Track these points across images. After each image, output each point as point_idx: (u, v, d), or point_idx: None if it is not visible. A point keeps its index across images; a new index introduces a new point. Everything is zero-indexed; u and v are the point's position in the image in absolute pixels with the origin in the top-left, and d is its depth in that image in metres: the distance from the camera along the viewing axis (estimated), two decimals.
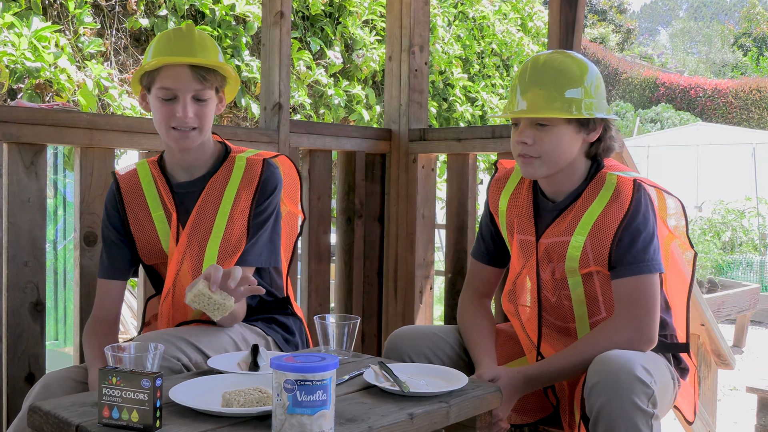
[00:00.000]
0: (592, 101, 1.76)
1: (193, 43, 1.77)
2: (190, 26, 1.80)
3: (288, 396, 1.20)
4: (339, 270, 2.92)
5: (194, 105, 1.75)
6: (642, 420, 1.54)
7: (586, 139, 1.79)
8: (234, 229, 1.80)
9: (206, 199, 1.82)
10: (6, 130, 1.97)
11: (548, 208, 1.87)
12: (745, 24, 29.48)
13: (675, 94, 20.80)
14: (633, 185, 1.77)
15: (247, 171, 1.84)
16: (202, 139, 1.80)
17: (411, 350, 1.88)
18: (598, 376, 1.58)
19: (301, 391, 1.19)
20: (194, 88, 1.74)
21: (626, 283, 1.75)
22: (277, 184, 1.86)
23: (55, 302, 4.51)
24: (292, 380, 1.19)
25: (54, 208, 4.56)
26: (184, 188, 1.85)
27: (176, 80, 1.73)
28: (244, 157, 1.88)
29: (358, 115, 4.97)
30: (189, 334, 1.69)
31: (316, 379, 1.20)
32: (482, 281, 2.05)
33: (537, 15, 7.28)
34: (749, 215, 9.26)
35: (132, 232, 1.86)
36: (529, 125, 1.77)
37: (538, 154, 1.77)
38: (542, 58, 1.81)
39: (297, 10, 4.84)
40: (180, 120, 1.74)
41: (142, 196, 1.86)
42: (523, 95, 1.78)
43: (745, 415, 4.30)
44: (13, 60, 3.42)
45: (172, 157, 1.86)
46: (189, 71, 1.74)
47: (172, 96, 1.74)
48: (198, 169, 1.86)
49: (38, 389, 1.63)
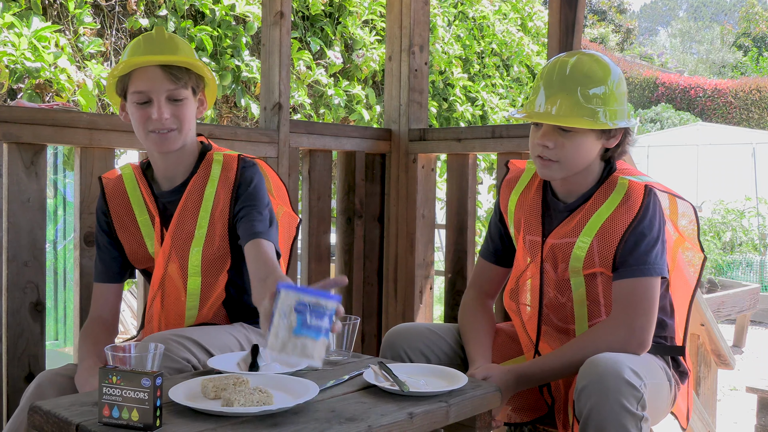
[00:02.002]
0: (615, 108, 1.76)
1: (162, 43, 1.75)
2: (160, 29, 1.79)
3: (298, 317, 1.23)
4: (339, 270, 2.92)
5: (170, 106, 1.73)
6: (631, 422, 1.54)
7: (605, 144, 1.80)
8: (216, 229, 1.79)
9: (186, 202, 1.80)
10: (6, 130, 1.97)
11: (559, 208, 1.88)
12: (744, 24, 29.48)
13: (675, 94, 20.80)
14: (644, 190, 1.78)
15: (224, 169, 1.82)
16: (183, 140, 1.77)
17: (407, 346, 1.89)
18: (587, 378, 1.58)
19: (312, 314, 1.23)
20: (167, 88, 1.72)
21: (625, 285, 1.75)
22: (254, 177, 1.82)
23: (55, 302, 4.51)
24: (305, 302, 1.23)
25: (54, 208, 4.56)
26: (166, 197, 1.84)
27: (148, 82, 1.71)
28: (221, 154, 1.86)
29: (358, 115, 4.97)
30: (195, 334, 1.69)
31: (328, 306, 1.25)
32: (487, 281, 2.06)
33: (537, 15, 7.28)
34: (749, 215, 9.26)
35: (118, 236, 1.86)
36: (552, 129, 1.76)
37: (558, 158, 1.77)
38: (570, 62, 1.78)
39: (297, 10, 4.84)
40: (156, 122, 1.72)
41: (127, 201, 1.85)
42: (548, 99, 1.76)
43: (745, 415, 4.30)
44: (13, 60, 3.42)
45: (155, 164, 1.84)
46: (160, 71, 1.71)
47: (146, 99, 1.72)
48: (178, 176, 1.83)
49: (32, 389, 1.64)
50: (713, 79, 22.02)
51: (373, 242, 3.01)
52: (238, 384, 1.39)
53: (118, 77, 1.75)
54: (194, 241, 1.79)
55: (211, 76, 1.83)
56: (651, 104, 20.31)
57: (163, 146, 1.75)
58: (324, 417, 1.33)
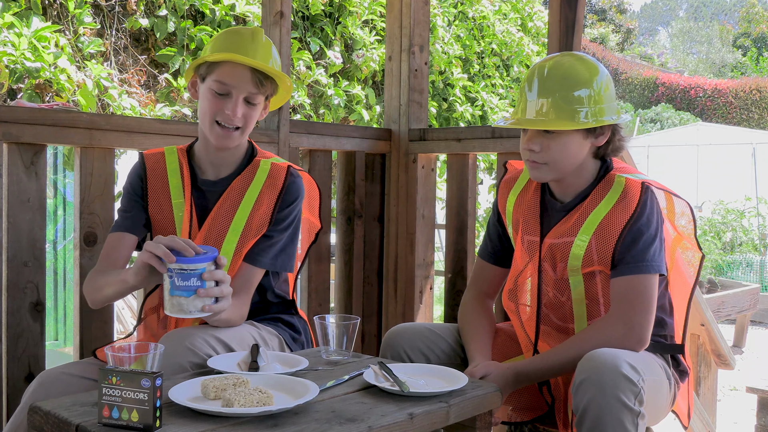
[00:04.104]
0: (600, 107, 1.76)
1: (260, 48, 1.79)
2: (259, 30, 1.83)
3: (170, 281, 1.49)
4: (339, 270, 2.92)
5: (244, 106, 1.78)
6: (628, 417, 1.54)
7: (594, 143, 1.80)
8: (251, 229, 1.81)
9: (227, 198, 1.83)
10: (6, 130, 1.97)
11: (556, 208, 1.88)
12: (744, 24, 29.49)
13: (675, 94, 20.81)
14: (641, 188, 1.78)
15: (270, 176, 1.86)
16: (241, 140, 1.83)
17: (407, 346, 1.90)
18: (585, 373, 1.58)
19: (178, 277, 1.49)
20: (249, 90, 1.77)
21: (623, 282, 1.75)
22: (299, 194, 1.88)
23: (55, 302, 4.51)
24: (171, 269, 1.49)
25: (54, 208, 4.56)
26: (207, 186, 1.87)
27: (235, 78, 1.75)
28: (269, 162, 1.90)
29: (358, 115, 4.97)
30: (216, 331, 1.70)
31: (192, 269, 1.49)
32: (487, 281, 2.06)
33: (537, 15, 7.28)
34: (749, 215, 9.27)
35: (150, 212, 1.87)
36: (537, 133, 1.78)
37: (545, 160, 1.78)
38: (549, 64, 1.79)
39: (297, 10, 4.84)
40: (227, 117, 1.76)
41: (165, 182, 1.87)
42: (529, 103, 1.77)
43: (745, 415, 4.30)
44: (13, 60, 3.42)
45: (205, 150, 1.87)
46: (249, 73, 1.76)
47: (226, 92, 1.76)
48: (225, 168, 1.87)
49: (34, 387, 1.63)
50: (713, 79, 22.03)
51: (373, 242, 3.01)
52: (238, 384, 1.39)
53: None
54: (228, 236, 1.81)
55: (290, 87, 1.89)
56: (651, 104, 20.32)
57: (223, 141, 1.79)
58: (324, 417, 1.33)
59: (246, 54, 1.76)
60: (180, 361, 1.59)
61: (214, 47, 1.81)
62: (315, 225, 2.11)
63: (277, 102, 1.93)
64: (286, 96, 1.92)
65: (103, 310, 2.19)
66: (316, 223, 2.11)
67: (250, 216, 1.82)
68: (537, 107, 1.76)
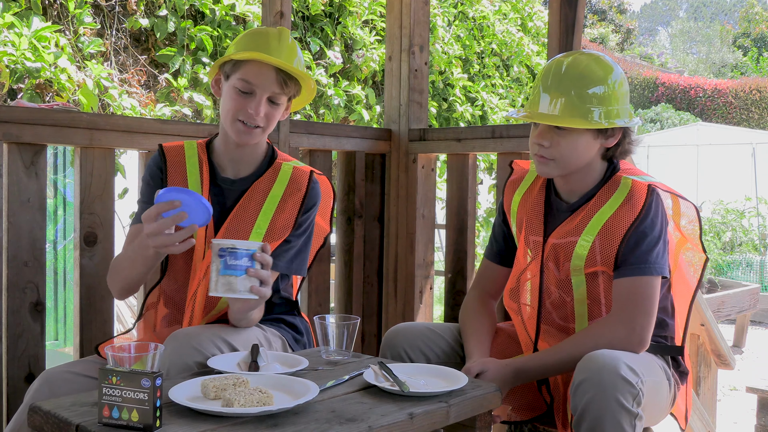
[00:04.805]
0: (613, 108, 1.76)
1: (286, 48, 1.80)
2: (285, 31, 1.84)
3: (221, 261, 1.52)
4: (339, 270, 2.92)
5: (267, 105, 1.79)
6: (626, 419, 1.55)
7: (604, 144, 1.80)
8: (274, 232, 1.82)
9: (249, 197, 1.84)
10: (6, 130, 1.97)
11: (561, 208, 1.88)
12: (744, 24, 29.49)
13: (675, 94, 20.80)
14: (647, 190, 1.78)
15: (293, 180, 1.87)
16: (261, 138, 1.84)
17: (407, 345, 1.90)
18: (584, 374, 1.58)
19: (230, 256, 1.52)
20: (273, 90, 1.78)
21: (625, 283, 1.75)
22: (317, 200, 1.90)
23: (55, 302, 4.51)
24: (224, 248, 1.53)
25: (54, 208, 4.56)
26: (227, 184, 1.87)
27: (260, 77, 1.76)
28: (291, 165, 1.90)
29: (358, 115, 4.97)
30: (221, 331, 1.70)
31: (243, 248, 1.54)
32: (491, 281, 2.06)
33: (537, 15, 7.27)
34: (749, 215, 9.27)
35: None
36: (548, 128, 1.78)
37: (553, 156, 1.78)
38: (567, 61, 1.79)
39: (297, 10, 4.84)
40: (250, 116, 1.77)
41: (185, 176, 1.87)
42: (544, 99, 1.78)
43: (745, 415, 4.30)
44: (13, 60, 3.42)
45: (225, 146, 1.87)
46: (274, 73, 1.77)
47: (250, 90, 1.77)
48: (244, 167, 1.88)
49: (37, 386, 1.63)
50: (713, 79, 22.02)
51: (373, 242, 3.01)
52: (238, 384, 1.39)
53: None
54: (251, 237, 1.81)
55: (313, 89, 1.90)
56: (651, 104, 20.31)
57: (244, 139, 1.80)
58: (324, 417, 1.33)
59: (271, 54, 1.76)
60: (186, 360, 1.59)
61: (239, 46, 1.81)
62: (325, 229, 2.12)
63: (299, 103, 1.93)
64: (309, 98, 1.92)
65: (103, 310, 2.19)
66: (326, 228, 2.12)
67: (273, 219, 1.83)
68: (551, 103, 1.76)
